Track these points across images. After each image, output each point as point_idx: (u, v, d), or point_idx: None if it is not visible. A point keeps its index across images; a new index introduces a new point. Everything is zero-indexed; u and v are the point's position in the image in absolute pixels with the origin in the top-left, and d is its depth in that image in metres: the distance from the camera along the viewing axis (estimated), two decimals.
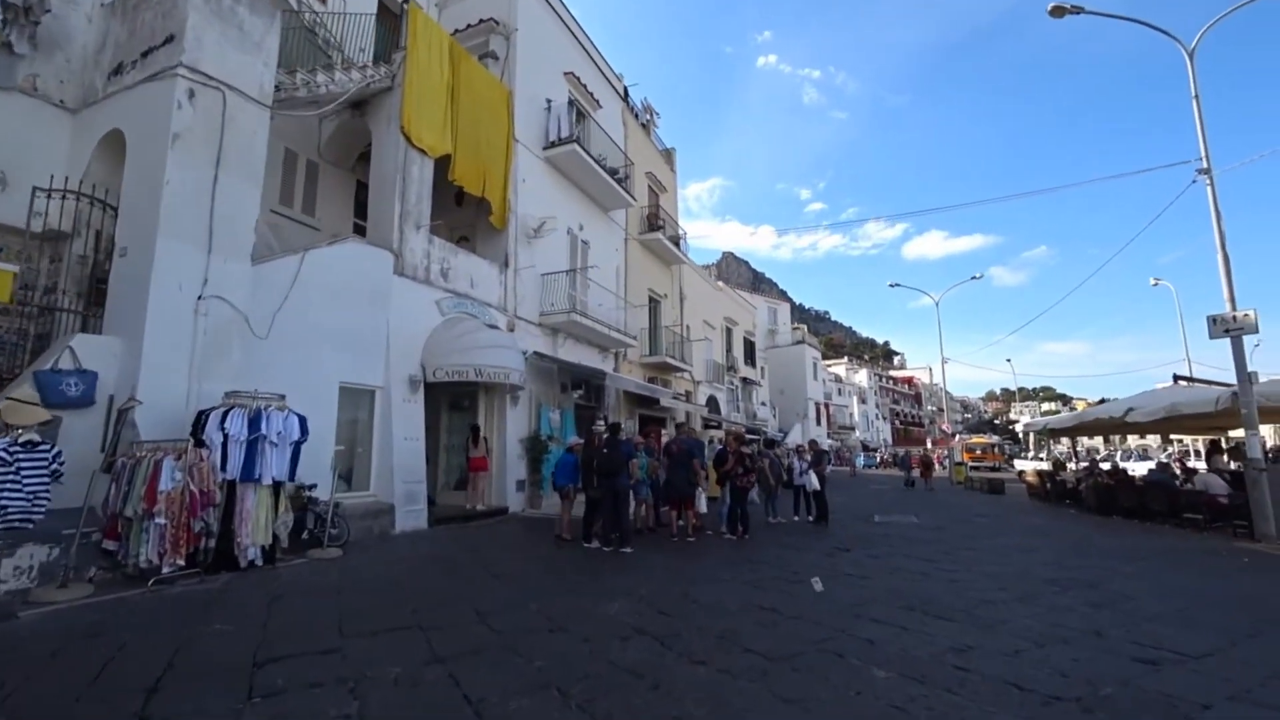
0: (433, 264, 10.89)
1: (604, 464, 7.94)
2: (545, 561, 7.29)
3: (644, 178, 21.13)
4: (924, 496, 18.93)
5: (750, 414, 31.12)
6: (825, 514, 11.31)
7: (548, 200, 14.58)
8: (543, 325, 14.06)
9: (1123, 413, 12.82)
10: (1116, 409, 13.48)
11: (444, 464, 12.44)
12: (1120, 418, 13.00)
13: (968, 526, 11.38)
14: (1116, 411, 13.26)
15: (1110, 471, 14.74)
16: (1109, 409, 14.15)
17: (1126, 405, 12.97)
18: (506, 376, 10.82)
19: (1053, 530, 11.05)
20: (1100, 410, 14.61)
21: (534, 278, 13.85)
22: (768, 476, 11.40)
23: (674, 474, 8.97)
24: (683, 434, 9.45)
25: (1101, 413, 14.37)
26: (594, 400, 16.90)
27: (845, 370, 76.80)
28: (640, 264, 20.13)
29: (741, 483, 9.47)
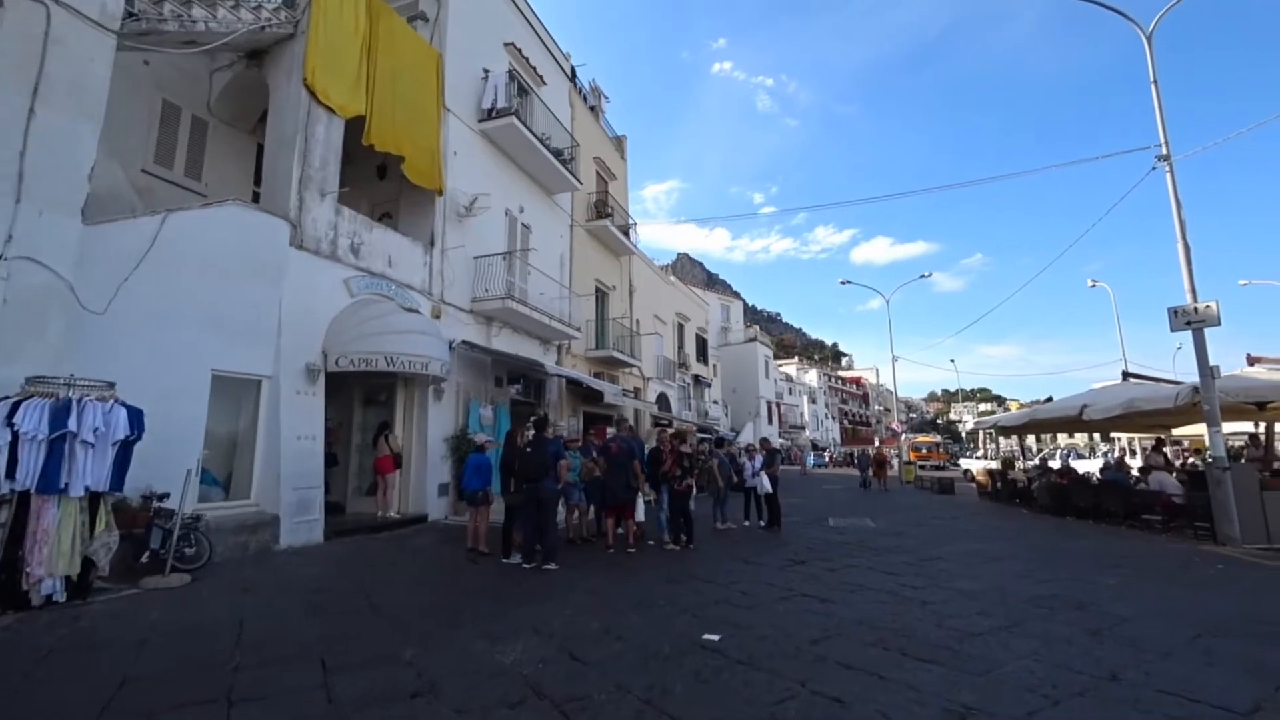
0: (341, 238, 9.52)
1: (526, 466, 6.81)
2: (449, 585, 6.11)
3: (592, 163, 20.01)
4: (877, 498, 18.42)
5: (702, 412, 30.37)
6: (778, 518, 10.46)
7: (483, 177, 13.30)
8: (475, 313, 12.78)
9: (1078, 409, 12.43)
10: (1071, 406, 13.12)
11: (356, 466, 11.05)
12: (1075, 415, 12.62)
13: (926, 530, 10.72)
14: (1071, 408, 12.89)
15: (1062, 471, 14.44)
16: (1062, 406, 13.82)
17: (1081, 402, 12.60)
18: (425, 366, 9.55)
19: (1012, 533, 10.48)
20: (1053, 407, 14.30)
21: (465, 260, 12.56)
22: (716, 478, 10.47)
23: (612, 477, 7.91)
24: (622, 432, 8.40)
25: (1055, 410, 14.04)
26: (534, 396, 15.71)
27: (796, 370, 77.38)
28: (587, 253, 19.01)
29: (680, 486, 8.46)
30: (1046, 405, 15.16)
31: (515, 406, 14.71)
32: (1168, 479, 11.12)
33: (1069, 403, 13.58)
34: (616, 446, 7.97)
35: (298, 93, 8.93)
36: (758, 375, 39.27)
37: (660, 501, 8.90)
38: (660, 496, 8.87)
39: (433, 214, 11.81)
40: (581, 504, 8.70)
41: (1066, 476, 13.73)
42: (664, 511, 8.71)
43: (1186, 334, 9.38)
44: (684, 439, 8.94)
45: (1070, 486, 12.94)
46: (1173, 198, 9.84)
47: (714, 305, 38.57)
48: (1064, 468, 14.81)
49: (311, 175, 9.03)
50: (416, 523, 10.20)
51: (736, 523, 10.80)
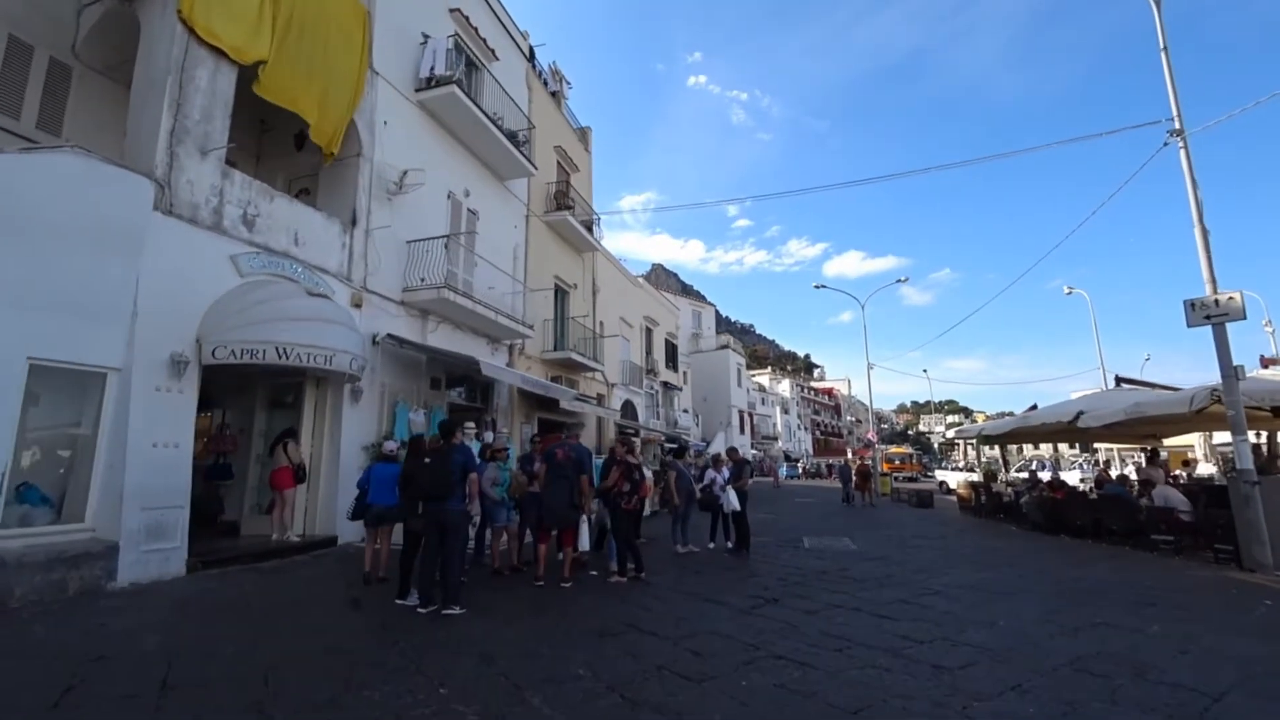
0: (229, 206, 7.93)
1: (426, 481, 5.32)
2: (298, 643, 4.56)
3: (552, 151, 18.63)
4: (857, 514, 17.19)
5: (671, 421, 29.02)
6: (746, 539, 9.09)
7: (420, 153, 11.80)
8: (407, 304, 11.23)
9: (1072, 416, 11.36)
10: (1064, 412, 12.06)
11: (256, 480, 9.38)
12: (1069, 421, 11.55)
13: (913, 553, 9.45)
14: (1064, 415, 11.82)
15: (1054, 484, 13.38)
16: (1052, 412, 12.75)
17: (1075, 409, 11.53)
18: (329, 360, 7.99)
19: (1010, 557, 9.27)
20: (1044, 414, 13.24)
21: (396, 244, 11.03)
22: (673, 493, 9.08)
23: (552, 491, 6.43)
24: (570, 438, 6.93)
25: (1046, 416, 12.97)
26: (480, 400, 14.18)
27: (769, 380, 76.69)
28: (545, 247, 17.57)
29: (628, 504, 7.04)
30: (1036, 412, 14.13)
31: (458, 412, 13.19)
32: (1173, 494, 10.05)
33: (1061, 409, 12.53)
34: (563, 454, 6.51)
35: (171, 26, 7.36)
36: (730, 384, 38.09)
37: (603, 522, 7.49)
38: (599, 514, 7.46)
39: (355, 189, 10.27)
40: (512, 525, 7.23)
41: (1060, 491, 12.65)
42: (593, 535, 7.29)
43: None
44: (631, 447, 7.52)
45: (1065, 502, 11.84)
46: (1188, 176, 8.82)
47: (685, 311, 37.37)
48: (1055, 481, 13.77)
49: (188, 128, 7.45)
50: (322, 546, 8.59)
51: (700, 545, 9.41)
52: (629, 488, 7.05)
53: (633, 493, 7.09)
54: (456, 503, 5.37)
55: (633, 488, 7.10)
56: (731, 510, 8.91)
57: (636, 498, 7.11)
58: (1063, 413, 12.05)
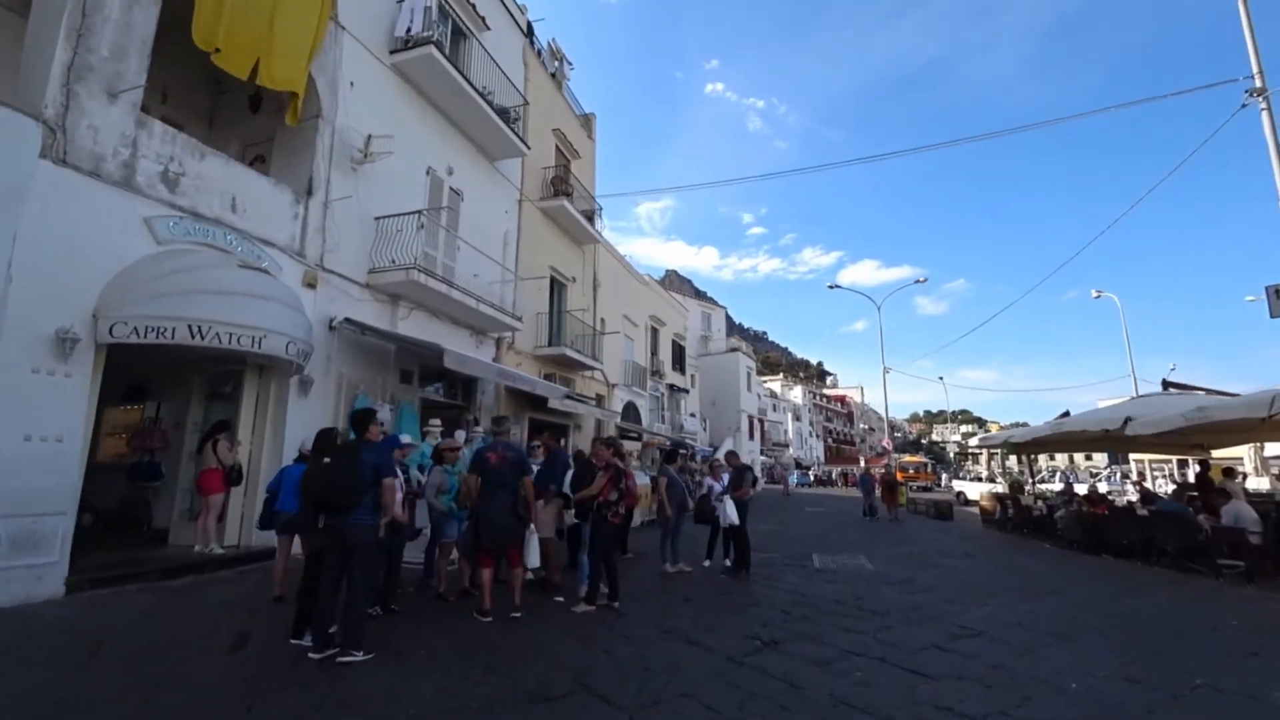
0: (144, 160, 6.82)
1: (322, 486, 4.12)
2: (134, 708, 3.38)
3: (550, 135, 17.52)
4: (876, 528, 15.81)
5: (677, 425, 27.76)
6: (746, 558, 7.81)
7: (395, 122, 10.70)
8: (373, 287, 10.10)
9: (1120, 422, 9.97)
10: (1109, 419, 10.66)
11: (187, 481, 8.25)
12: (1117, 428, 10.16)
13: (940, 576, 8.14)
14: (1111, 421, 10.42)
15: (1090, 497, 11.97)
16: (1096, 419, 11.34)
17: (1123, 414, 10.15)
18: (258, 342, 6.83)
19: (1056, 584, 7.92)
20: (1084, 420, 11.82)
21: (362, 220, 9.93)
22: (664, 504, 7.84)
23: (489, 503, 5.22)
24: (503, 437, 5.70)
25: (1087, 423, 11.55)
26: (461, 397, 13.03)
27: (780, 386, 75.19)
28: (540, 235, 16.43)
29: (615, 517, 5.86)
30: (1072, 419, 12.72)
31: (435, 409, 12.05)
32: (1246, 511, 8.66)
33: (1104, 415, 11.13)
34: (496, 457, 5.29)
35: None
36: (739, 388, 36.72)
37: (581, 536, 6.26)
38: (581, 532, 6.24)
39: (313, 154, 9.16)
40: (458, 541, 6.04)
41: (1100, 505, 11.24)
42: (584, 552, 6.09)
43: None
44: (618, 449, 6.28)
45: (1109, 518, 10.44)
46: (1270, 140, 7.48)
47: (694, 312, 36.11)
48: (1095, 494, 12.35)
49: (93, 65, 6.36)
50: (256, 560, 7.42)
51: (694, 563, 8.16)
52: (616, 497, 5.82)
53: (620, 502, 5.88)
54: (364, 515, 4.16)
55: (620, 497, 5.88)
56: (729, 524, 7.64)
57: (621, 510, 5.89)
58: (1108, 419, 10.65)
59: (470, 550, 5.51)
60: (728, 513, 7.56)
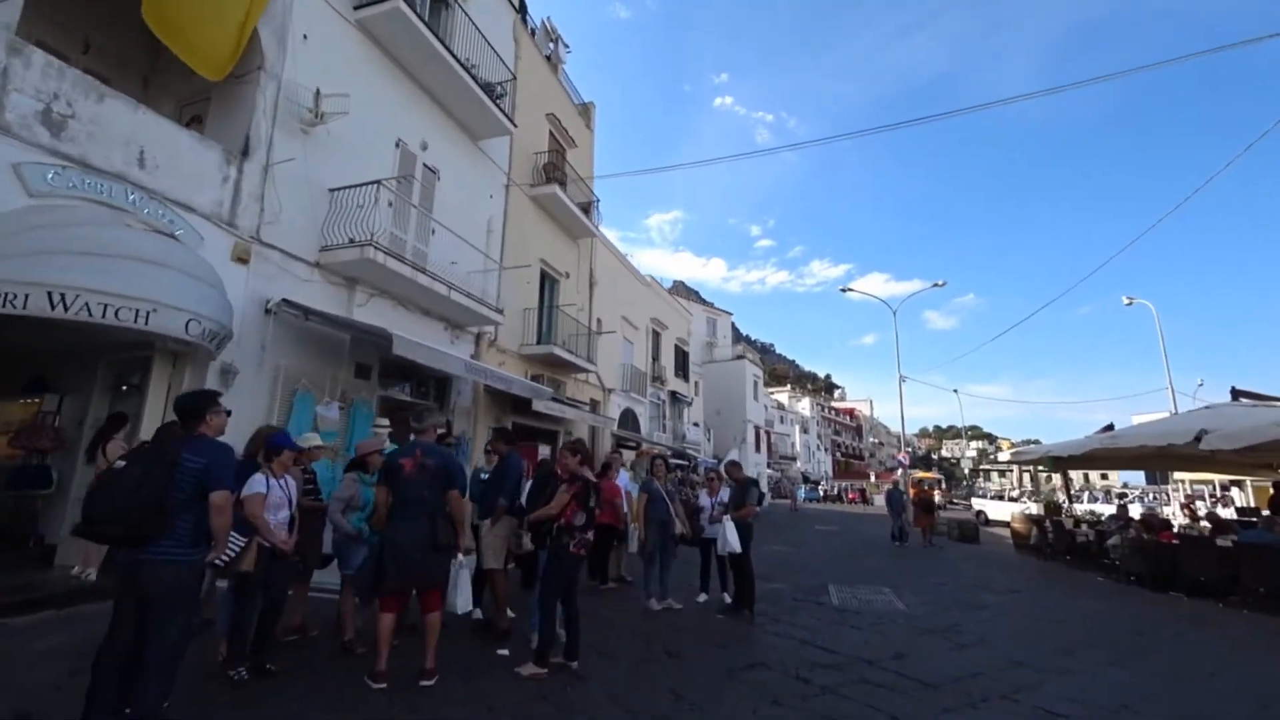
0: (16, 95, 5.53)
1: (105, 505, 2.74)
2: None
3: (544, 119, 16.28)
4: (898, 552, 14.28)
5: (678, 434, 26.29)
6: (750, 595, 6.35)
7: (359, 86, 9.44)
8: (325, 267, 8.79)
9: (1192, 435, 8.46)
10: (1176, 430, 9.14)
11: (82, 488, 6.88)
12: (1187, 443, 8.65)
13: (990, 621, 6.66)
14: (1179, 434, 8.90)
15: (1148, 522, 10.43)
16: (1161, 431, 9.79)
17: (1197, 425, 8.63)
18: (143, 317, 5.47)
19: (1138, 634, 6.42)
20: (1144, 433, 10.28)
21: (314, 191, 8.64)
22: (641, 526, 6.42)
23: (401, 528, 3.82)
24: (425, 436, 4.28)
25: (1148, 436, 10.00)
26: (435, 397, 11.67)
27: (788, 398, 73.61)
28: (530, 225, 15.12)
29: (578, 547, 4.43)
30: (1128, 431, 11.20)
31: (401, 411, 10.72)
32: None
33: (1166, 428, 9.61)
34: (412, 465, 3.90)
35: None
36: (745, 397, 35.22)
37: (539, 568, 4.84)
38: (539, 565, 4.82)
39: (252, 110, 7.89)
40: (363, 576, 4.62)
41: (1165, 532, 9.71)
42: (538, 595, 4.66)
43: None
44: (585, 457, 4.86)
45: (1180, 549, 8.90)
46: None
47: (699, 317, 34.71)
48: (1154, 519, 10.79)
49: None
50: None
51: (684, 598, 6.72)
52: (584, 520, 4.41)
53: (587, 527, 4.46)
54: (173, 547, 2.78)
55: (588, 521, 4.46)
56: (729, 552, 6.20)
57: (587, 537, 4.47)
58: (1174, 432, 9.14)
59: (368, 588, 4.10)
60: (727, 537, 6.12)
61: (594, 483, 4.67)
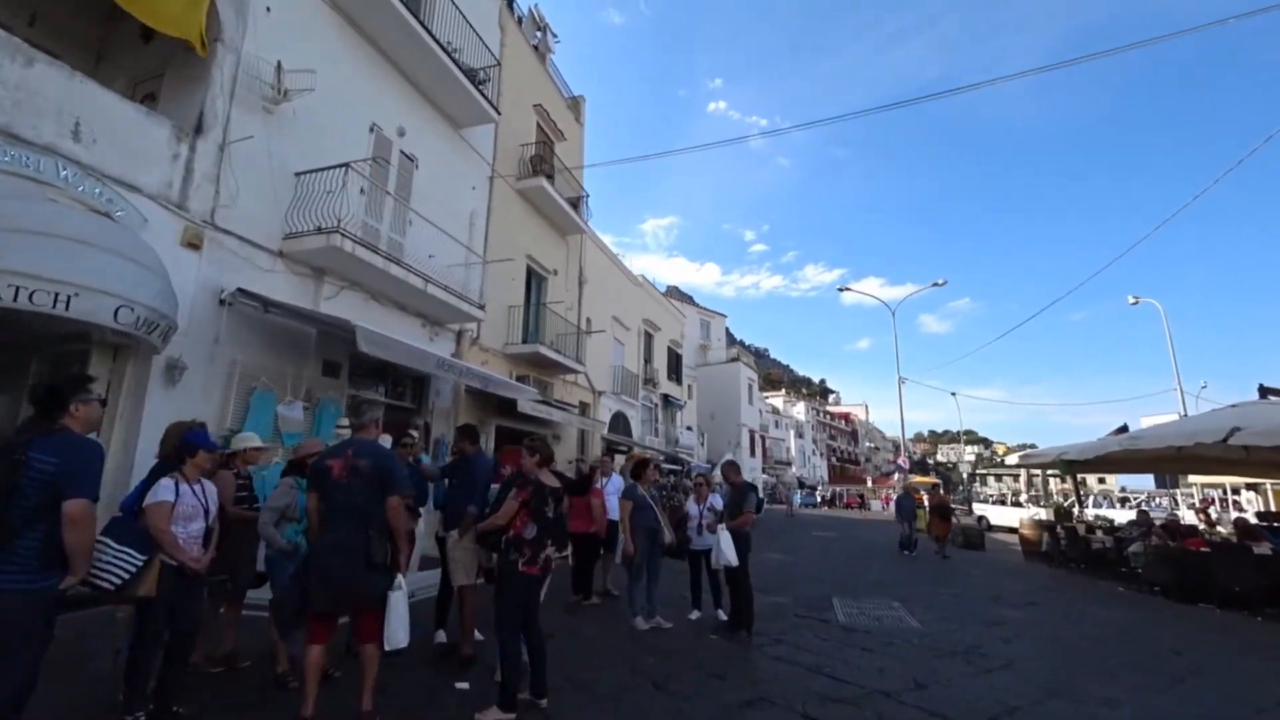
0: None
1: None
2: None
3: (531, 110, 15.70)
4: (909, 562, 13.67)
5: (671, 438, 25.66)
6: (748, 614, 5.72)
7: (331, 66, 8.86)
8: (289, 256, 8.16)
9: (1224, 433, 7.89)
10: (1205, 428, 8.55)
11: None
12: (1218, 441, 8.08)
13: (1014, 639, 6.05)
14: (1208, 433, 8.32)
15: (1170, 528, 9.86)
16: (1190, 430, 9.15)
17: (1229, 424, 8.06)
18: (63, 302, 4.83)
19: (1177, 653, 5.83)
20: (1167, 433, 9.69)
21: (278, 174, 8.02)
22: (628, 536, 5.78)
23: (331, 544, 3.19)
24: (364, 433, 3.63)
25: (1175, 435, 9.37)
26: (412, 398, 11.03)
27: (783, 403, 73.05)
28: (516, 220, 14.52)
29: (530, 565, 3.74)
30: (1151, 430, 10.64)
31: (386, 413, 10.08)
32: None
33: (1198, 425, 9.03)
34: (341, 467, 3.28)
35: None
36: (740, 400, 34.62)
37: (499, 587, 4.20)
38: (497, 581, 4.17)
39: (207, 85, 7.27)
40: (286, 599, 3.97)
41: (1193, 539, 9.13)
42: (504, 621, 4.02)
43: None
44: (543, 455, 4.19)
45: (1212, 557, 8.32)
46: None
47: (692, 319, 34.14)
48: (1176, 524, 10.22)
49: None
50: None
51: (672, 615, 6.08)
52: (535, 533, 3.76)
53: (541, 540, 3.81)
54: (13, 574, 2.15)
55: (543, 532, 3.81)
56: (723, 565, 5.57)
57: (547, 553, 3.82)
58: (1201, 430, 8.56)
59: (291, 613, 3.46)
60: (722, 550, 5.49)
61: (551, 487, 3.98)
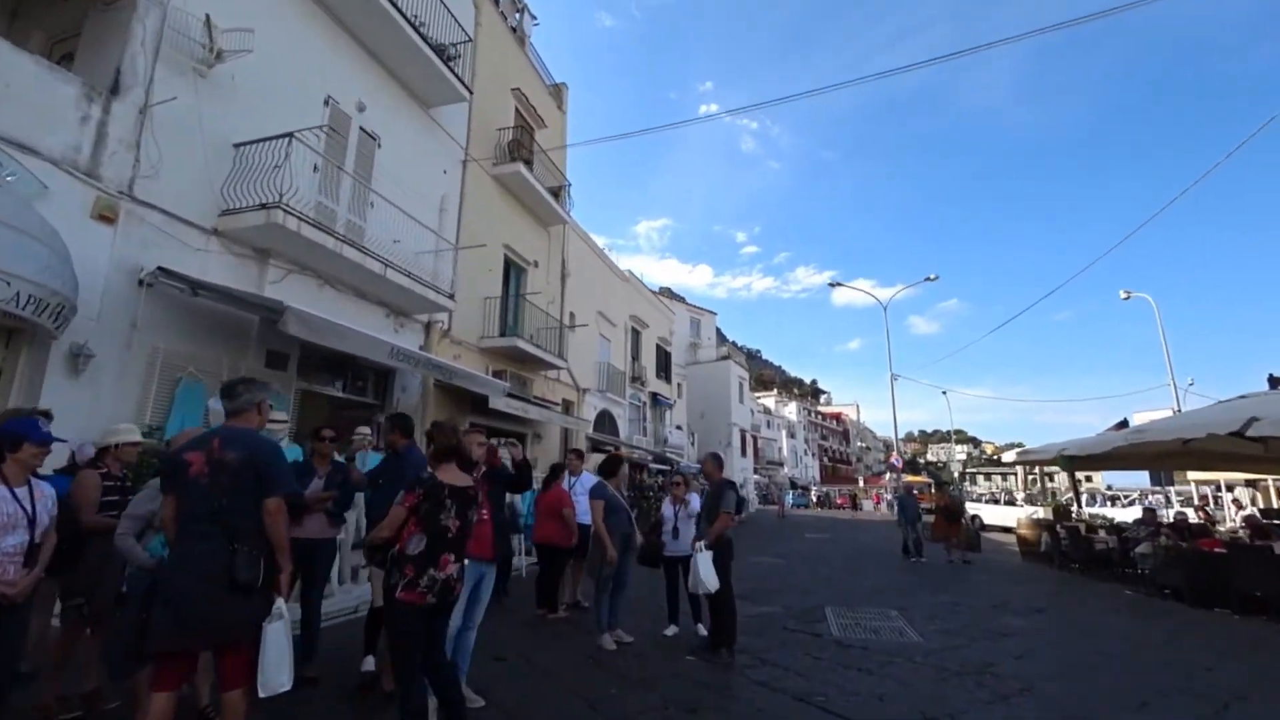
0: None
1: None
2: None
3: (509, 94, 14.96)
4: (909, 567, 13.02)
5: (660, 438, 24.95)
6: (730, 632, 5.00)
7: (281, 31, 8.14)
8: (225, 235, 7.39)
9: (1242, 424, 7.24)
10: (1219, 420, 7.90)
11: None
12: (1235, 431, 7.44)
13: (1028, 655, 5.39)
14: (1220, 424, 7.68)
15: (1178, 527, 9.25)
16: (1202, 421, 8.50)
17: (1245, 414, 7.43)
18: None
19: (1217, 671, 5.17)
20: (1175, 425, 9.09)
21: (210, 144, 7.25)
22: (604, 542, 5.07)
23: (182, 556, 2.46)
24: (242, 420, 2.88)
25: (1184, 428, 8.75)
26: (375, 393, 10.29)
27: (775, 403, 72.50)
28: (493, 207, 13.78)
29: (414, 595, 2.83)
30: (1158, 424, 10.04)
31: (332, 407, 9.41)
32: None
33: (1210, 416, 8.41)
34: (202, 463, 2.54)
35: None
36: (731, 399, 33.94)
37: (391, 614, 3.46)
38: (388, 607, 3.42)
39: (126, 39, 6.50)
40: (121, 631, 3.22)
41: (1205, 540, 8.51)
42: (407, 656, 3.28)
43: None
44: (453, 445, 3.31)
45: (1231, 558, 7.70)
46: None
47: (682, 317, 33.45)
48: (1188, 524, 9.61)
49: None
50: None
51: (649, 630, 5.37)
52: (423, 548, 2.88)
53: (430, 557, 2.90)
54: None
55: (434, 547, 2.90)
56: (706, 586, 4.81)
57: (438, 574, 2.91)
58: (1215, 422, 7.92)
59: (126, 652, 2.71)
60: (701, 576, 4.73)
61: (455, 487, 3.07)
